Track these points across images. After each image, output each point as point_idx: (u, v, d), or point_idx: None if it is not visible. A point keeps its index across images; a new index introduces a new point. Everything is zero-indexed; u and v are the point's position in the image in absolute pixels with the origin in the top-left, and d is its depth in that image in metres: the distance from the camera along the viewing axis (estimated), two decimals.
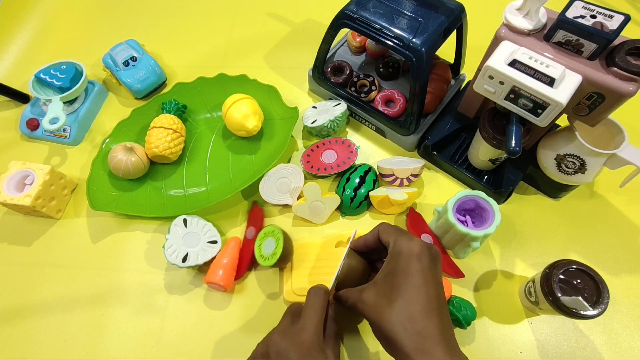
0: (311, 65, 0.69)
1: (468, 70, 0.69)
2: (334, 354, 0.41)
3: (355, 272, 0.47)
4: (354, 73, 0.70)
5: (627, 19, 0.43)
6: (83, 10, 0.91)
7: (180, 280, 0.58)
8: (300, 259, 0.56)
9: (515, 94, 0.47)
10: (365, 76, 0.68)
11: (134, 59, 0.74)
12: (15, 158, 0.63)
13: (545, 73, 0.44)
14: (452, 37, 0.60)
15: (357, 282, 0.46)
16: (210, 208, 0.61)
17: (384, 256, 0.42)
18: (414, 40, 0.53)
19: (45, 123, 0.65)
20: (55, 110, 0.66)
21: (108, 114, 0.75)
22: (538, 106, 0.46)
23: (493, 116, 0.55)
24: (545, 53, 0.47)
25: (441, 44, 0.56)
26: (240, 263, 0.57)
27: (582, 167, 0.53)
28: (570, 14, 0.45)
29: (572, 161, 0.53)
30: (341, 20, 0.58)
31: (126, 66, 0.73)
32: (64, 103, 0.70)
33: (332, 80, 0.69)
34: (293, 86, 0.76)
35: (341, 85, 0.69)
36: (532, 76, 0.45)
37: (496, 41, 0.50)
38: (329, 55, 0.73)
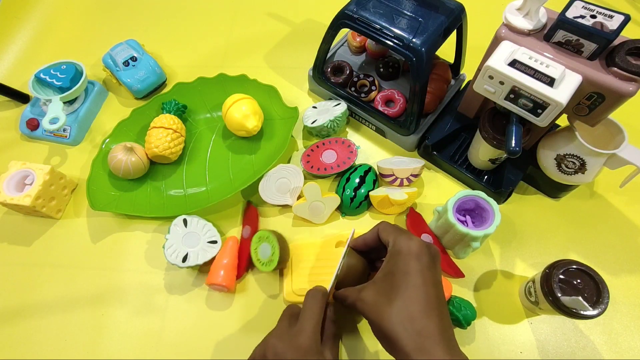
0: (311, 65, 0.69)
1: (468, 70, 0.69)
2: (333, 356, 0.41)
3: (354, 271, 0.47)
4: (354, 73, 0.70)
5: (627, 19, 0.43)
6: (83, 10, 0.91)
7: (180, 280, 0.58)
8: (300, 259, 0.56)
9: (515, 94, 0.47)
10: (365, 76, 0.68)
11: (134, 59, 0.74)
12: (15, 158, 0.63)
13: (545, 73, 0.44)
14: (452, 37, 0.60)
15: (357, 281, 0.46)
16: (210, 208, 0.61)
17: (384, 255, 0.42)
18: (414, 40, 0.53)
19: (45, 123, 0.65)
20: (55, 110, 0.66)
21: (108, 114, 0.75)
22: (538, 106, 0.46)
23: (493, 116, 0.55)
24: (545, 53, 0.47)
25: (441, 44, 0.56)
26: (239, 262, 0.57)
27: (582, 167, 0.53)
28: (570, 14, 0.45)
29: (572, 161, 0.53)
30: (341, 20, 0.58)
31: (126, 66, 0.73)
32: (64, 103, 0.70)
33: (332, 80, 0.69)
34: (293, 86, 0.76)
35: (341, 85, 0.69)
36: (532, 76, 0.45)
37: (496, 41, 0.50)
38: (329, 55, 0.73)
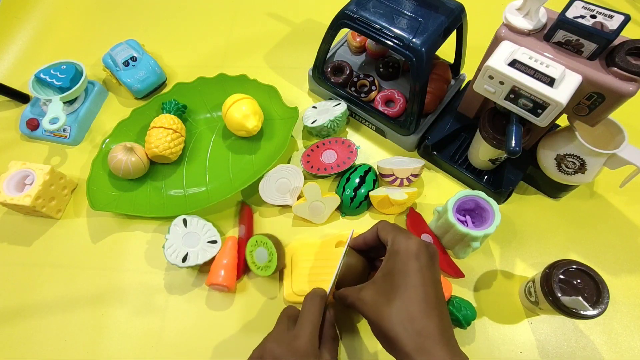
0: (311, 65, 0.69)
1: (468, 70, 0.69)
2: (332, 358, 0.41)
3: (354, 271, 0.47)
4: (354, 73, 0.70)
5: (627, 19, 0.43)
6: (83, 10, 0.91)
7: (180, 280, 0.58)
8: (300, 259, 0.56)
9: (515, 94, 0.47)
10: (365, 76, 0.68)
11: (134, 59, 0.74)
12: (15, 158, 0.63)
13: (545, 73, 0.44)
14: (452, 37, 0.60)
15: (357, 281, 0.46)
16: (210, 208, 0.61)
17: (383, 254, 0.42)
18: (414, 40, 0.53)
19: (45, 123, 0.65)
20: (55, 110, 0.66)
21: (108, 114, 0.75)
22: (538, 106, 0.46)
23: (493, 116, 0.55)
24: (545, 53, 0.47)
25: (441, 44, 0.56)
26: (239, 262, 0.57)
27: (582, 167, 0.53)
28: (570, 14, 0.45)
29: (572, 161, 0.53)
30: (341, 20, 0.58)
31: (126, 66, 0.73)
32: (64, 103, 0.70)
33: (332, 80, 0.69)
34: (293, 86, 0.76)
35: (341, 85, 0.69)
36: (532, 76, 0.45)
37: (496, 41, 0.50)
38: (329, 55, 0.73)
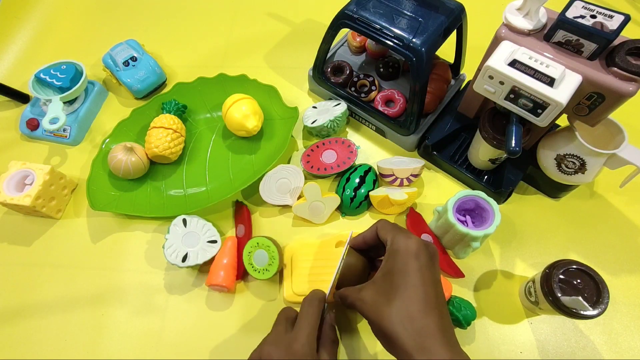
0: (311, 65, 0.69)
1: (468, 70, 0.69)
2: None
3: (355, 270, 0.47)
4: (354, 73, 0.70)
5: (627, 19, 0.43)
6: (83, 10, 0.91)
7: (180, 280, 0.58)
8: (300, 259, 0.56)
9: (515, 94, 0.47)
10: (365, 76, 0.68)
11: (134, 59, 0.74)
12: (15, 158, 0.63)
13: (545, 73, 0.44)
14: (452, 37, 0.60)
15: (357, 280, 0.46)
16: (210, 208, 0.61)
17: (383, 253, 0.42)
18: (414, 40, 0.53)
19: (45, 123, 0.65)
20: (55, 110, 0.66)
21: (108, 114, 0.75)
22: (538, 106, 0.46)
23: (493, 116, 0.55)
24: (545, 53, 0.47)
25: (441, 44, 0.56)
26: (239, 262, 0.57)
27: (582, 167, 0.53)
28: (570, 14, 0.45)
29: (572, 161, 0.53)
30: (341, 20, 0.58)
31: (126, 66, 0.73)
32: (64, 103, 0.70)
33: (332, 80, 0.69)
34: (293, 86, 0.76)
35: (341, 85, 0.69)
36: (532, 76, 0.45)
37: (496, 41, 0.50)
38: (329, 55, 0.73)
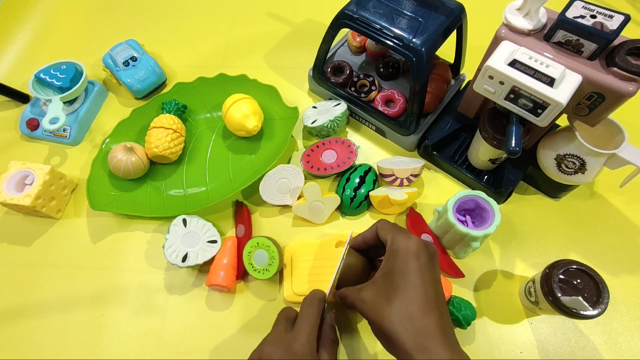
0: (311, 65, 0.69)
1: (468, 70, 0.69)
2: None
3: (355, 270, 0.47)
4: (354, 73, 0.70)
5: (627, 19, 0.43)
6: (83, 10, 0.91)
7: (180, 280, 0.58)
8: (300, 260, 0.56)
9: (515, 94, 0.47)
10: (365, 76, 0.68)
11: (134, 59, 0.74)
12: (15, 158, 0.63)
13: (545, 73, 0.44)
14: (452, 37, 0.60)
15: (358, 280, 0.46)
16: (210, 208, 0.61)
17: (383, 253, 0.42)
18: (414, 40, 0.53)
19: (45, 123, 0.65)
20: (55, 110, 0.66)
21: (108, 114, 0.75)
22: (538, 106, 0.46)
23: (493, 116, 0.55)
24: (545, 53, 0.47)
25: (441, 44, 0.56)
26: (239, 262, 0.57)
27: (582, 167, 0.53)
28: (570, 14, 0.45)
29: (572, 161, 0.53)
30: (341, 20, 0.58)
31: (126, 66, 0.73)
32: (64, 103, 0.70)
33: (332, 80, 0.69)
34: (293, 86, 0.76)
35: (341, 85, 0.69)
36: (532, 76, 0.45)
37: (496, 41, 0.50)
38: (329, 55, 0.73)
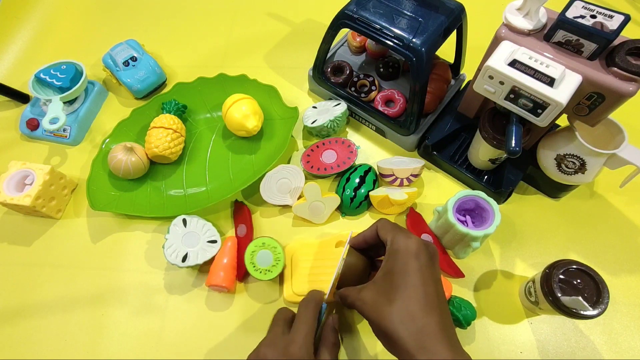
0: (311, 65, 0.69)
1: (468, 70, 0.69)
2: None
3: (355, 270, 0.47)
4: (354, 73, 0.70)
5: (627, 19, 0.43)
6: (83, 10, 0.91)
7: (180, 280, 0.58)
8: (300, 259, 0.56)
9: (515, 94, 0.47)
10: (365, 76, 0.68)
11: (134, 59, 0.74)
12: (15, 158, 0.63)
13: (545, 73, 0.44)
14: (452, 37, 0.60)
15: (358, 280, 0.46)
16: (210, 208, 0.61)
17: (384, 253, 0.42)
18: (414, 40, 0.53)
19: (45, 123, 0.65)
20: (55, 110, 0.66)
21: (108, 114, 0.75)
22: (538, 106, 0.46)
23: (493, 116, 0.55)
24: (545, 53, 0.47)
25: (441, 44, 0.56)
26: (239, 262, 0.57)
27: (582, 167, 0.53)
28: (570, 14, 0.45)
29: (572, 161, 0.53)
30: (341, 20, 0.58)
31: (126, 66, 0.73)
32: (64, 103, 0.70)
33: (332, 80, 0.69)
34: (293, 86, 0.76)
35: (341, 85, 0.69)
36: (532, 76, 0.45)
37: (496, 41, 0.50)
38: (329, 55, 0.73)
